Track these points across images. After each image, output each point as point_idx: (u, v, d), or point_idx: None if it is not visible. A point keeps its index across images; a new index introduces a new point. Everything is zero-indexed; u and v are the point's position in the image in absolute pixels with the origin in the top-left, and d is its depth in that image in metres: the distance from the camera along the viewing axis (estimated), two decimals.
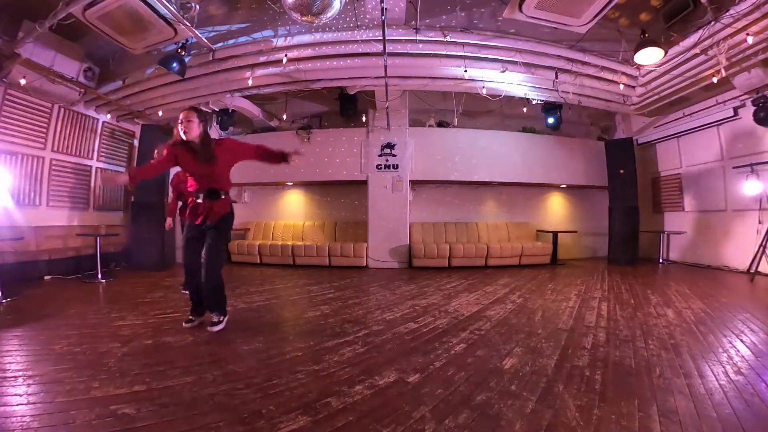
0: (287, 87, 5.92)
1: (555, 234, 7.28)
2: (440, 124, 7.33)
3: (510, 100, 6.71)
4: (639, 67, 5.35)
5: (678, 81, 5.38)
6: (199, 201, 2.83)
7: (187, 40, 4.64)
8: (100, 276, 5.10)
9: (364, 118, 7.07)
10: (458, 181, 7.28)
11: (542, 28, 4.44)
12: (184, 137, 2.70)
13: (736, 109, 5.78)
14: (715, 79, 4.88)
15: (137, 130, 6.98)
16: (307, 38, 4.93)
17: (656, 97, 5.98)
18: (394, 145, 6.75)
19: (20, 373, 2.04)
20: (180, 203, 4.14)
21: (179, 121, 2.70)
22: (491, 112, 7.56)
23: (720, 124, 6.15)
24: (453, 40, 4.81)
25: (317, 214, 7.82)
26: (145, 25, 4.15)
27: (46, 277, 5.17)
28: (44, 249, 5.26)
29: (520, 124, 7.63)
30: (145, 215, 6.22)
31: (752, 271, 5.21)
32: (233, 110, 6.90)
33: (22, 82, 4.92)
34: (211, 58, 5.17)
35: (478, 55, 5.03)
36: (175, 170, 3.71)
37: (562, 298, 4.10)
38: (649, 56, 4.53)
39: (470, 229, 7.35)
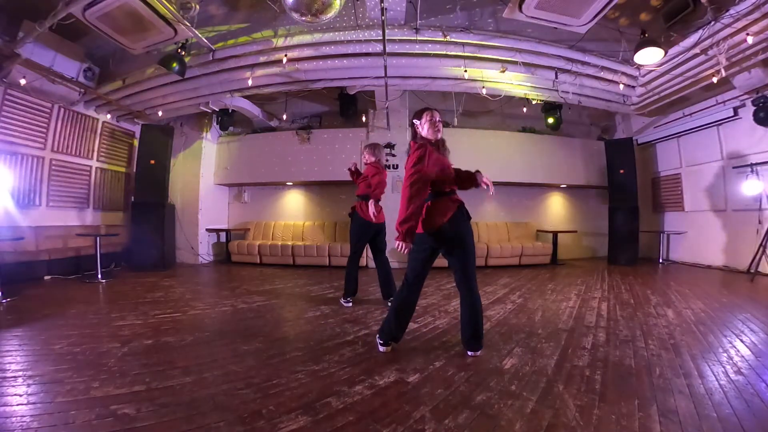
0: (287, 87, 5.91)
1: (555, 234, 7.28)
2: None
3: (510, 100, 6.70)
4: (639, 67, 5.34)
5: (678, 81, 5.37)
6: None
7: (187, 40, 4.64)
8: (100, 276, 5.10)
9: (364, 118, 7.06)
10: None
11: (542, 28, 4.44)
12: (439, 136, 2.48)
13: (736, 109, 5.78)
14: (715, 79, 4.88)
15: (137, 130, 6.98)
16: (307, 38, 4.93)
17: (656, 97, 5.97)
18: (394, 145, 6.74)
19: (20, 373, 2.04)
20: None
21: (435, 121, 2.45)
22: (491, 112, 7.56)
23: (720, 124, 6.15)
24: (453, 39, 4.80)
25: (317, 214, 7.82)
26: (145, 25, 4.15)
27: (46, 277, 5.18)
28: (44, 249, 5.25)
29: (520, 124, 7.63)
30: (145, 215, 6.23)
31: (752, 271, 5.21)
32: (233, 110, 6.89)
33: (22, 82, 4.92)
34: (211, 58, 5.17)
35: (478, 55, 5.04)
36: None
37: (562, 298, 4.10)
38: (649, 56, 4.52)
39: None
